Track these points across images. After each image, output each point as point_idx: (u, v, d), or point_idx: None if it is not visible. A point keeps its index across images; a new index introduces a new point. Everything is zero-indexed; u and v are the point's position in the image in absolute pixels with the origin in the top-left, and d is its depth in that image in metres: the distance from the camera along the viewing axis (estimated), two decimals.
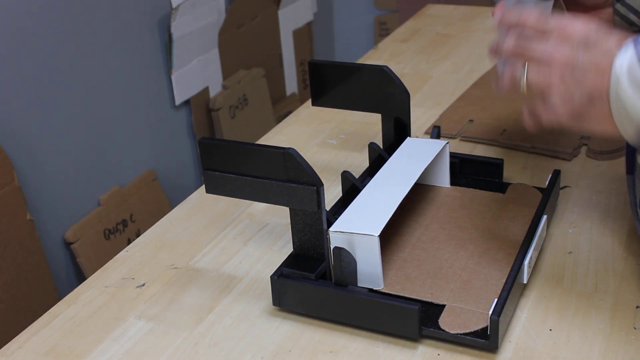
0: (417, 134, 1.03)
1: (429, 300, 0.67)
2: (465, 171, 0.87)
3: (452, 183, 0.85)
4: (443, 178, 0.85)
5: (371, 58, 1.34)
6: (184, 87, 1.75)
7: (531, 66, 0.62)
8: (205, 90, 1.83)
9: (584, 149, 0.96)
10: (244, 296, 0.73)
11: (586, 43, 0.59)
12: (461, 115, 1.06)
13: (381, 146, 0.86)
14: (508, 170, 0.91)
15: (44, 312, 0.73)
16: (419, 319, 0.64)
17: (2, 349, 0.69)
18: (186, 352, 0.66)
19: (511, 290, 0.65)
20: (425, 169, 0.78)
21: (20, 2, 1.32)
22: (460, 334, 0.63)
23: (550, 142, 0.96)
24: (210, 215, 0.87)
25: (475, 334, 0.63)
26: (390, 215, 0.68)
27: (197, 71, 1.78)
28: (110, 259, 0.81)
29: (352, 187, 0.78)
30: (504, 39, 0.65)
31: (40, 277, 1.38)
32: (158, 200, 1.69)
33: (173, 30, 1.66)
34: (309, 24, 2.24)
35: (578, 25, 0.60)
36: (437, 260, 0.72)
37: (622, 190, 0.86)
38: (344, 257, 0.66)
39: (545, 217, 0.75)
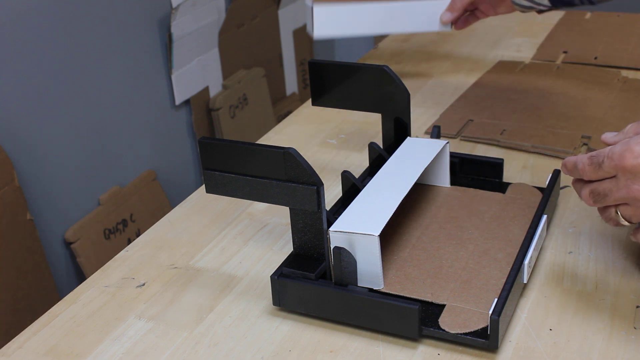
0: (417, 134, 1.03)
1: (429, 300, 0.67)
2: (466, 171, 0.87)
3: (452, 183, 0.85)
4: (443, 178, 0.85)
5: (371, 58, 1.34)
6: (184, 87, 1.75)
7: (620, 208, 0.64)
8: (205, 90, 1.83)
9: (584, 149, 0.96)
10: (244, 296, 0.73)
11: None
12: (461, 115, 1.06)
13: (381, 146, 0.86)
14: (508, 170, 0.91)
15: (44, 312, 0.73)
16: (419, 319, 0.64)
17: (2, 349, 0.69)
18: (186, 352, 0.66)
19: (511, 290, 0.65)
20: (425, 168, 0.78)
21: (20, 2, 1.32)
22: (460, 333, 0.63)
23: (550, 142, 0.96)
24: (210, 215, 0.87)
25: (475, 333, 0.63)
26: (390, 215, 0.68)
27: (197, 71, 1.78)
28: (110, 259, 0.81)
29: (352, 187, 0.78)
30: (579, 190, 0.67)
31: (40, 277, 1.38)
32: (158, 200, 1.69)
33: (173, 30, 1.66)
34: None
35: (630, 155, 0.60)
36: (437, 260, 0.72)
37: None
38: (344, 257, 0.66)
39: (545, 217, 0.75)
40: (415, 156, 0.79)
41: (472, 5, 1.12)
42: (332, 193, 0.90)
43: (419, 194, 0.83)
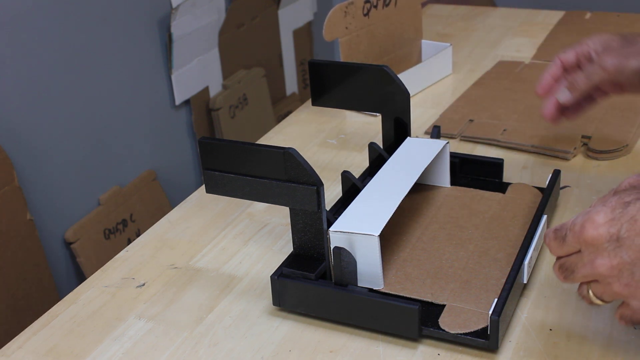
0: (417, 134, 1.03)
1: (429, 300, 0.67)
2: (466, 171, 0.87)
3: (452, 183, 0.85)
4: (443, 178, 0.85)
5: None
6: (184, 87, 1.75)
7: (590, 285, 0.58)
8: (205, 90, 1.83)
9: (584, 149, 0.96)
10: (244, 296, 0.73)
11: (617, 239, 0.53)
12: (461, 115, 1.06)
13: (381, 146, 0.86)
14: (508, 170, 0.91)
15: (44, 312, 0.73)
16: (419, 319, 0.64)
17: (2, 349, 0.69)
18: (186, 352, 0.66)
19: (511, 290, 0.65)
20: (426, 168, 0.78)
21: (20, 2, 1.32)
22: (460, 334, 0.63)
23: (550, 142, 0.96)
24: (210, 215, 0.87)
25: (475, 333, 0.63)
26: (390, 215, 0.68)
27: (197, 71, 1.78)
28: (110, 259, 0.81)
29: (352, 187, 0.78)
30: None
31: (40, 277, 1.38)
32: (158, 200, 1.69)
33: (173, 30, 1.66)
34: (309, 24, 2.24)
35: (590, 226, 0.54)
36: (437, 260, 0.72)
37: None
38: (344, 257, 0.66)
39: (545, 217, 0.75)
40: (415, 156, 0.79)
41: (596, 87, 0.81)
42: (332, 193, 0.90)
43: (419, 194, 0.83)
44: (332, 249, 0.66)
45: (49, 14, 1.38)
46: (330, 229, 0.67)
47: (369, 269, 0.67)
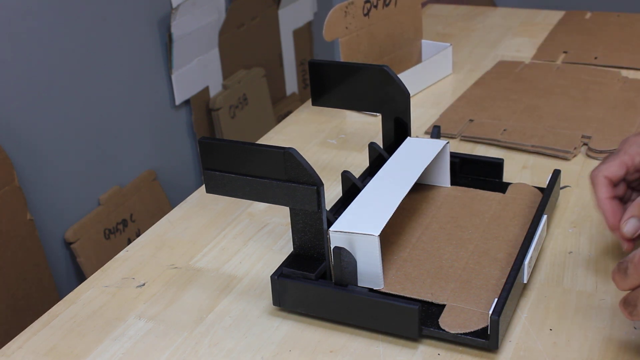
0: (417, 133, 1.03)
1: (429, 300, 0.67)
2: (466, 171, 0.87)
3: (453, 183, 0.85)
4: (443, 178, 0.85)
5: None
6: (184, 87, 1.75)
7: None
8: (205, 90, 1.83)
9: (584, 149, 0.96)
10: (244, 296, 0.73)
11: None
12: (461, 115, 1.06)
13: (381, 146, 0.86)
14: (508, 170, 0.91)
15: (44, 312, 0.73)
16: (419, 319, 0.64)
17: (2, 349, 0.69)
18: (186, 352, 0.66)
19: (511, 290, 0.65)
20: (426, 168, 0.77)
21: (20, 2, 1.32)
22: (460, 333, 0.63)
23: (550, 142, 0.96)
24: (210, 215, 0.87)
25: (475, 333, 0.63)
26: (391, 215, 0.68)
27: (197, 71, 1.78)
28: (110, 259, 0.81)
29: (352, 187, 0.78)
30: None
31: (40, 277, 1.38)
32: (158, 200, 1.69)
33: (173, 30, 1.66)
34: (309, 24, 2.24)
35: None
36: (437, 260, 0.72)
37: None
38: (344, 257, 0.66)
39: (545, 217, 0.75)
40: (415, 156, 0.79)
41: None
42: (332, 193, 0.90)
43: (419, 194, 0.83)
44: (332, 249, 0.66)
45: (49, 14, 1.38)
46: (330, 229, 0.67)
47: (369, 269, 0.67)
